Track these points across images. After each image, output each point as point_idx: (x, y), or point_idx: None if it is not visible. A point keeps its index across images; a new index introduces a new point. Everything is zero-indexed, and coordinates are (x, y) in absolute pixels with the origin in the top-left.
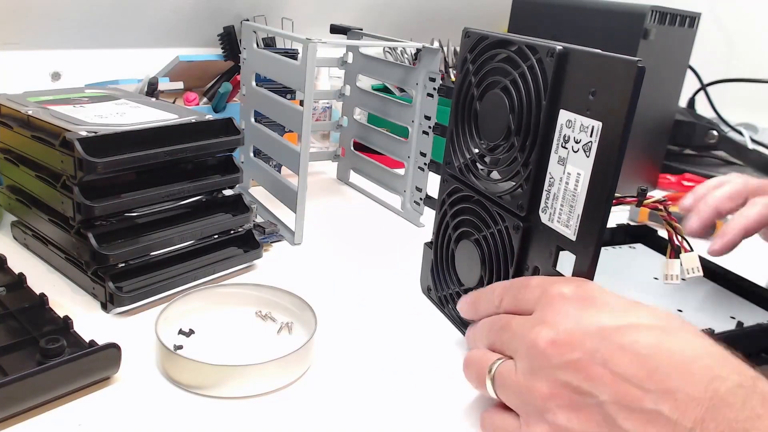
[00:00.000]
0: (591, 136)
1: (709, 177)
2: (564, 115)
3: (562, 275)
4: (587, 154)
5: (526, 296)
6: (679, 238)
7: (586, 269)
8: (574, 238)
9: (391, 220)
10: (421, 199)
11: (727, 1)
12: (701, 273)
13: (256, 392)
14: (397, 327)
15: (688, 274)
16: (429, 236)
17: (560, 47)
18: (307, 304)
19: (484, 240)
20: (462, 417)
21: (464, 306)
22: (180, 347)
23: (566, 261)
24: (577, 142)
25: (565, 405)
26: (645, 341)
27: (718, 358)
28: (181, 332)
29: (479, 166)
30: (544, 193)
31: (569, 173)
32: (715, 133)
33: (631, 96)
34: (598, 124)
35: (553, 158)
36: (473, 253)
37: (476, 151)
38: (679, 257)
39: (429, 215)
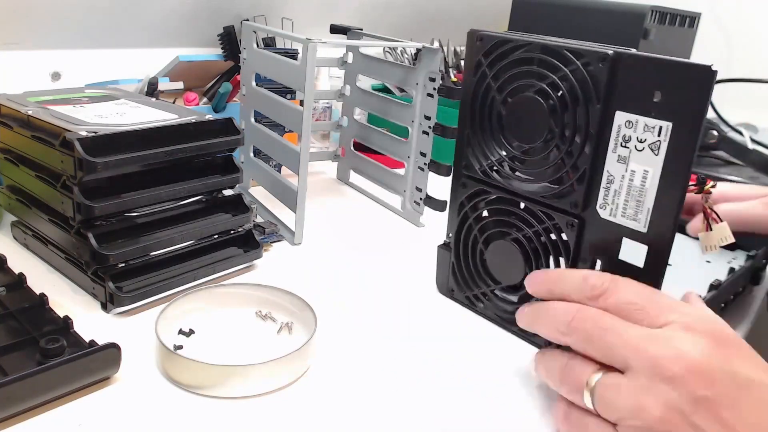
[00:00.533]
0: (659, 135)
1: (709, 177)
2: (622, 116)
3: (626, 264)
4: (655, 152)
5: (638, 303)
6: (710, 211)
7: (660, 259)
8: (645, 230)
9: (391, 220)
10: (421, 199)
11: (727, 1)
12: (732, 240)
13: (256, 392)
14: (396, 327)
15: (722, 242)
16: (429, 236)
17: (611, 52)
18: (307, 304)
19: (526, 238)
20: (462, 416)
21: (538, 281)
22: (180, 347)
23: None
24: (641, 141)
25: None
26: None
27: None
28: (181, 332)
29: (508, 168)
30: (602, 191)
31: (633, 170)
32: (715, 133)
33: (707, 98)
34: (667, 125)
35: (612, 157)
36: (512, 252)
37: (504, 153)
38: (712, 229)
39: (429, 215)
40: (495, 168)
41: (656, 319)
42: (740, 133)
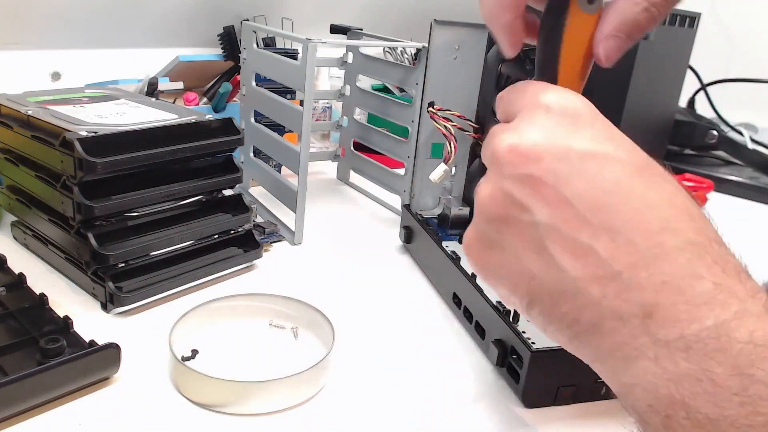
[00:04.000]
0: None
1: (709, 177)
2: None
3: None
4: None
5: (516, 102)
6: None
7: None
8: None
9: (391, 220)
10: None
11: (727, 1)
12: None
13: (270, 409)
14: (398, 329)
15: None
16: None
17: None
18: (325, 316)
19: None
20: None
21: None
22: (189, 358)
23: None
24: None
25: (499, 214)
26: (609, 175)
27: (680, 211)
28: (191, 351)
29: None
30: None
31: None
32: (715, 133)
33: None
34: None
35: None
36: None
37: None
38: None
39: None
40: None
41: (517, 112)
42: (740, 133)
